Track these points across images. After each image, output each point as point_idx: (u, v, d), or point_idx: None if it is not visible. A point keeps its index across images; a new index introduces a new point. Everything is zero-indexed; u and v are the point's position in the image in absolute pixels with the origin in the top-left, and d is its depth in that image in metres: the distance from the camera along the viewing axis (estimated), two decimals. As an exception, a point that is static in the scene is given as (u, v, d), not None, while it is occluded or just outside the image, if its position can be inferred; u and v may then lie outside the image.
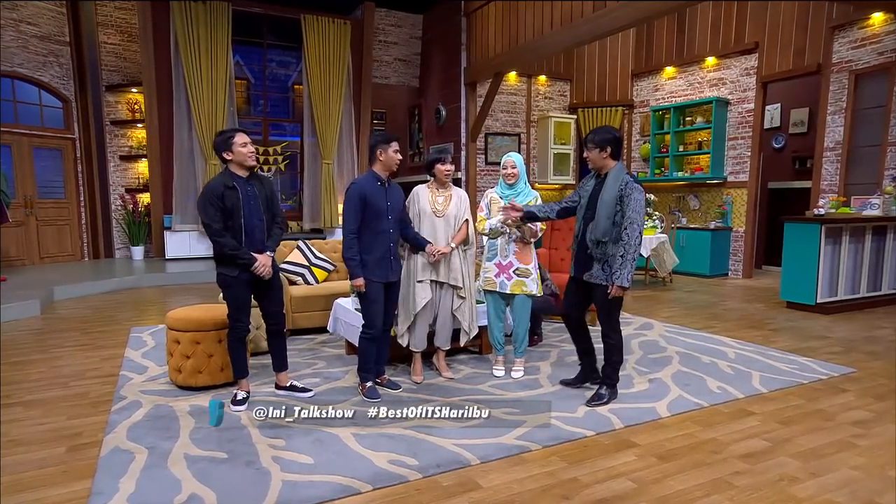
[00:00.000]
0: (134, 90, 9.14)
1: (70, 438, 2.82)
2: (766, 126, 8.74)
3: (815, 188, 7.29)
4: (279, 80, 10.21)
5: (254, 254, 3.05)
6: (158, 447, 2.67)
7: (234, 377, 3.29)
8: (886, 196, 6.13)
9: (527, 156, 9.69)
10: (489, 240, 3.73)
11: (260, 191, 3.11)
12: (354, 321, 3.70)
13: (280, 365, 3.38)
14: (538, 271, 3.76)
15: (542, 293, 4.15)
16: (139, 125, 9.16)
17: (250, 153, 3.05)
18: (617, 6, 5.84)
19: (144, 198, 9.24)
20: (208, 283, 7.41)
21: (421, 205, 3.59)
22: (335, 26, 9.50)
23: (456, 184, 3.80)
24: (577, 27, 6.47)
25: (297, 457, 2.58)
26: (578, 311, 3.42)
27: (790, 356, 4.22)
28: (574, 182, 9.68)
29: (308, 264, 5.09)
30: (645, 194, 3.14)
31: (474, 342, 4.06)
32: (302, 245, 5.20)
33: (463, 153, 9.20)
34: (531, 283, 3.65)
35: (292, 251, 5.12)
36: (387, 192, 3.30)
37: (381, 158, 3.28)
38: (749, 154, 8.13)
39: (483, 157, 9.41)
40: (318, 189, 9.78)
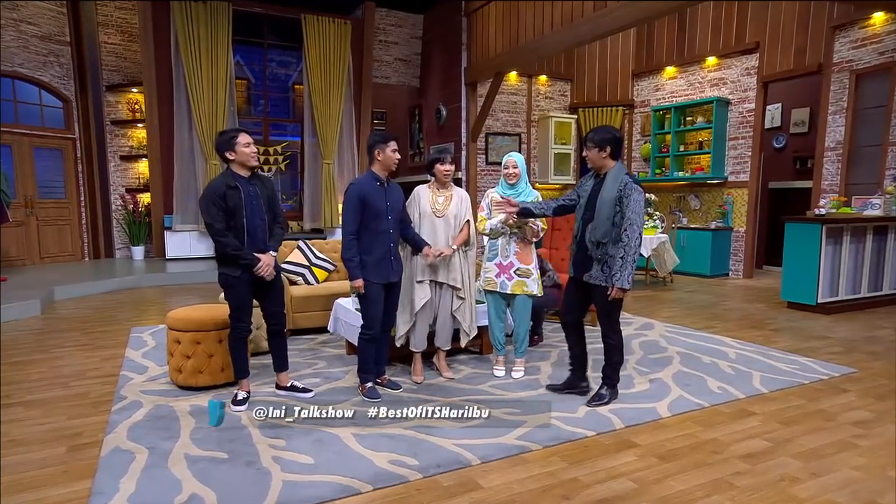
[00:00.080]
0: (134, 90, 9.15)
1: (70, 438, 2.82)
2: (767, 126, 8.74)
3: (816, 188, 7.28)
4: (279, 79, 10.20)
5: (256, 254, 3.05)
6: (159, 447, 2.67)
7: (235, 377, 3.29)
8: (887, 196, 6.13)
9: (527, 156, 9.69)
10: (490, 240, 3.72)
11: (262, 191, 3.11)
12: (355, 321, 3.70)
13: (281, 365, 3.38)
14: (540, 264, 3.75)
15: (545, 285, 4.14)
16: (139, 125, 9.16)
17: (253, 153, 3.06)
18: (617, 6, 5.84)
19: (145, 198, 9.24)
20: (209, 283, 7.41)
21: (421, 205, 3.59)
22: (335, 26, 9.50)
23: (456, 184, 3.79)
24: (578, 27, 6.47)
25: (297, 457, 2.58)
26: (578, 312, 3.38)
27: (791, 356, 4.22)
28: (574, 182, 9.66)
29: (308, 264, 5.09)
30: (645, 195, 3.12)
31: (475, 342, 4.05)
32: (302, 245, 5.20)
33: (463, 153, 9.20)
34: (532, 283, 3.65)
35: (293, 251, 5.12)
36: (386, 192, 3.29)
37: (379, 158, 3.27)
38: (750, 154, 8.12)
39: (484, 156, 9.41)
40: (319, 189, 9.78)
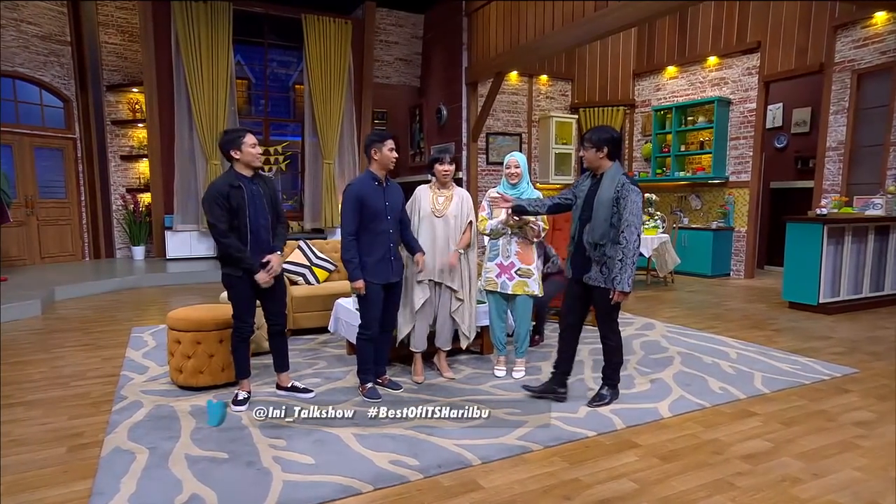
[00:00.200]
0: (135, 90, 9.15)
1: (71, 438, 2.82)
2: (769, 126, 8.73)
3: (818, 188, 7.27)
4: (280, 79, 10.20)
5: (267, 255, 3.08)
6: (159, 447, 2.67)
7: (236, 377, 3.29)
8: (889, 196, 6.12)
9: (528, 156, 9.68)
10: (491, 240, 3.72)
11: (265, 190, 3.12)
12: (355, 321, 3.69)
13: (281, 365, 3.38)
14: (544, 250, 3.74)
15: (549, 271, 4.13)
16: (140, 125, 9.16)
17: (258, 154, 3.08)
18: (618, 6, 5.83)
19: (145, 198, 9.24)
20: (209, 283, 7.41)
21: (422, 205, 3.59)
22: (336, 26, 9.50)
23: (457, 184, 3.79)
24: (579, 27, 6.46)
25: (297, 457, 2.58)
26: (579, 313, 3.33)
27: (792, 356, 4.21)
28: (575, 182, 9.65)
29: (309, 264, 5.09)
30: (643, 195, 3.10)
31: (475, 342, 4.05)
32: (303, 245, 5.20)
33: (464, 153, 9.19)
34: (533, 283, 3.64)
35: (293, 251, 5.12)
36: (385, 191, 3.28)
37: (376, 158, 3.25)
38: (751, 154, 8.11)
39: (484, 156, 9.40)
40: (319, 189, 9.78)
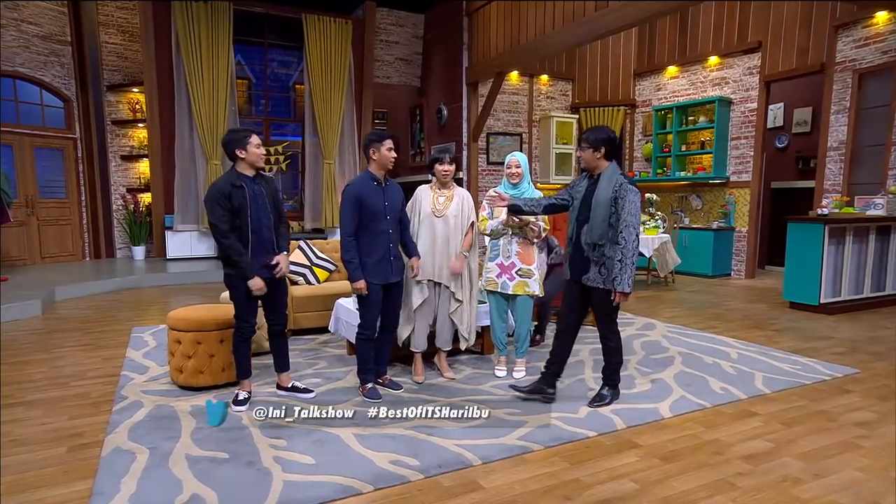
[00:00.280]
0: (135, 90, 9.15)
1: (71, 438, 2.82)
2: (770, 125, 8.71)
3: (819, 188, 7.26)
4: (280, 79, 10.20)
5: (275, 257, 3.12)
6: (160, 447, 2.67)
7: (238, 377, 3.29)
8: (890, 196, 6.11)
9: (529, 156, 9.68)
10: (491, 240, 3.71)
11: (266, 190, 3.14)
12: (355, 321, 3.68)
13: (282, 365, 3.37)
14: (548, 242, 3.73)
15: (553, 262, 4.12)
16: (140, 125, 9.16)
17: (263, 155, 3.12)
18: (619, 6, 5.83)
19: (146, 197, 9.24)
20: (210, 283, 7.41)
21: (422, 205, 3.59)
22: (336, 26, 9.50)
23: (457, 184, 3.78)
24: (579, 27, 6.46)
25: (298, 457, 2.58)
26: (578, 313, 3.31)
27: (793, 357, 4.20)
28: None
29: (309, 264, 5.09)
30: (640, 195, 3.09)
31: (476, 342, 4.04)
32: (303, 245, 5.20)
33: (465, 153, 9.19)
34: (533, 283, 3.63)
35: (294, 251, 5.11)
36: (384, 191, 3.27)
37: (374, 158, 3.25)
38: (752, 154, 8.10)
39: (485, 156, 9.40)
40: (320, 189, 9.78)
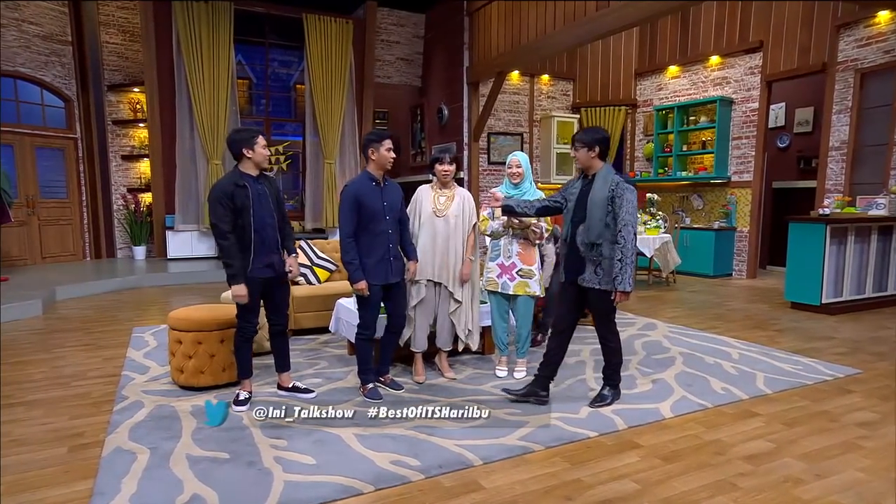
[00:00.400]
0: (136, 90, 9.15)
1: (72, 438, 2.82)
2: (771, 125, 8.70)
3: (820, 188, 7.25)
4: (281, 79, 10.20)
5: (286, 259, 3.21)
6: (160, 447, 2.67)
7: (238, 377, 3.29)
8: (892, 196, 6.10)
9: (529, 156, 9.67)
10: (492, 240, 3.71)
11: (270, 190, 3.16)
12: (356, 321, 3.67)
13: (283, 365, 3.37)
14: (555, 233, 3.73)
15: (561, 250, 4.12)
16: (141, 125, 9.17)
17: (268, 156, 3.17)
18: (620, 5, 5.82)
19: (146, 197, 9.24)
20: (210, 283, 7.41)
21: (423, 205, 3.58)
22: (337, 25, 9.49)
23: (458, 184, 3.78)
24: (580, 26, 6.45)
25: (298, 457, 2.57)
26: (573, 316, 3.27)
27: (795, 357, 4.20)
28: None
29: (310, 264, 5.09)
30: (637, 193, 3.08)
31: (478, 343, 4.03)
32: (304, 245, 5.19)
33: (465, 153, 9.19)
34: (534, 283, 3.62)
35: (294, 251, 5.11)
36: (383, 191, 3.26)
37: (373, 158, 3.24)
38: (753, 153, 8.09)
39: (486, 156, 9.39)
40: (321, 189, 9.78)
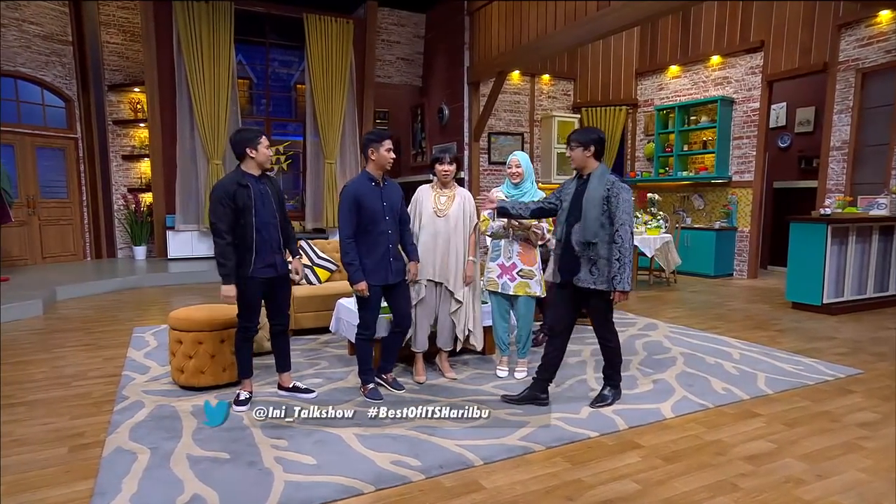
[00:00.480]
0: (136, 90, 9.15)
1: (72, 438, 2.82)
2: (772, 125, 8.69)
3: (822, 188, 7.24)
4: (281, 79, 10.20)
5: (289, 260, 3.26)
6: (161, 447, 2.67)
7: (239, 377, 3.29)
8: (894, 195, 6.09)
9: (530, 155, 9.66)
10: (493, 240, 3.71)
11: (272, 189, 3.17)
12: (356, 321, 3.67)
13: (283, 365, 3.37)
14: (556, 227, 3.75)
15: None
16: (142, 125, 9.17)
17: (270, 156, 3.20)
18: (621, 5, 5.81)
19: (147, 197, 9.24)
20: (211, 283, 7.41)
21: (424, 205, 3.58)
22: (338, 25, 9.49)
23: (459, 184, 3.77)
24: (581, 26, 6.44)
25: (299, 457, 2.57)
26: (569, 318, 3.24)
27: (796, 357, 4.19)
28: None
29: (310, 264, 5.09)
30: (632, 192, 3.09)
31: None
32: (304, 245, 5.19)
33: (466, 153, 9.18)
34: (535, 284, 3.62)
35: (295, 251, 5.11)
36: (382, 192, 3.26)
37: (373, 158, 3.24)
38: (754, 153, 8.08)
39: (486, 156, 9.39)
40: (321, 189, 9.77)
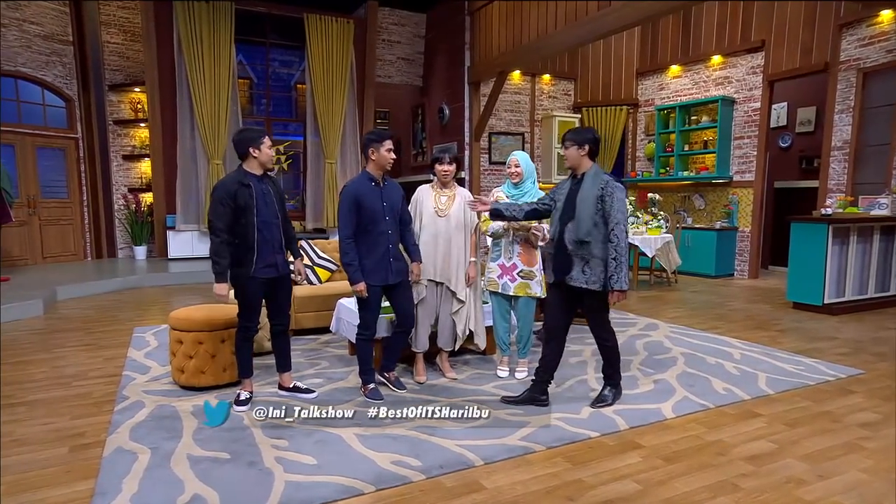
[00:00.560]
0: (137, 90, 9.16)
1: (73, 438, 2.82)
2: (773, 125, 8.68)
3: (823, 188, 7.23)
4: (282, 79, 10.20)
5: (294, 261, 3.28)
6: (161, 447, 2.67)
7: (239, 377, 3.29)
8: (895, 195, 6.08)
9: (531, 155, 9.65)
10: (493, 240, 3.70)
11: (274, 190, 3.18)
12: (357, 321, 3.67)
13: (284, 365, 3.37)
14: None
15: None
16: (142, 125, 9.17)
17: (273, 156, 3.21)
18: (621, 5, 5.81)
19: (147, 197, 9.25)
20: (211, 283, 7.33)
21: (424, 204, 3.58)
22: (338, 25, 9.49)
23: (459, 183, 3.77)
24: (582, 26, 6.44)
25: (299, 457, 2.57)
26: (564, 319, 3.23)
27: (797, 357, 4.19)
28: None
29: (311, 264, 5.08)
30: (626, 191, 3.08)
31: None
32: (305, 245, 5.19)
33: (466, 153, 9.18)
34: (535, 284, 3.61)
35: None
36: (382, 192, 3.25)
37: (373, 158, 3.23)
38: (755, 153, 8.07)
39: (487, 156, 9.39)
40: (322, 189, 9.77)
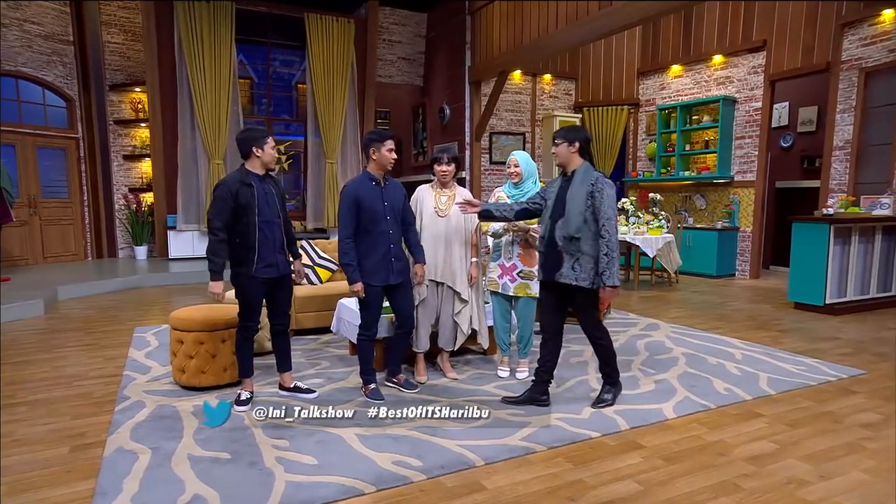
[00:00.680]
0: (137, 89, 9.16)
1: (74, 438, 2.82)
2: (774, 125, 8.66)
3: (824, 187, 7.22)
4: (283, 79, 10.20)
5: (294, 262, 3.31)
6: (162, 447, 2.67)
7: (240, 376, 3.29)
8: (896, 195, 6.07)
9: (531, 155, 9.65)
10: (494, 240, 3.70)
11: (275, 189, 3.19)
12: (357, 321, 3.67)
13: (284, 365, 3.37)
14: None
15: None
16: (143, 124, 9.18)
17: (276, 156, 3.22)
18: (622, 4, 5.80)
19: (148, 197, 9.26)
20: (212, 283, 7.40)
21: (425, 205, 3.58)
22: (339, 25, 9.49)
23: (460, 183, 3.76)
24: (583, 25, 6.43)
25: (300, 457, 2.57)
26: (559, 319, 3.23)
27: (798, 357, 4.18)
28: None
29: (311, 264, 5.08)
30: (615, 188, 3.08)
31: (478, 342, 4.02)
32: (305, 245, 5.19)
33: (467, 153, 9.17)
34: (535, 285, 3.60)
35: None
36: (383, 192, 3.25)
37: (374, 157, 3.23)
38: (756, 153, 8.06)
39: (487, 156, 9.38)
40: (322, 189, 9.77)
